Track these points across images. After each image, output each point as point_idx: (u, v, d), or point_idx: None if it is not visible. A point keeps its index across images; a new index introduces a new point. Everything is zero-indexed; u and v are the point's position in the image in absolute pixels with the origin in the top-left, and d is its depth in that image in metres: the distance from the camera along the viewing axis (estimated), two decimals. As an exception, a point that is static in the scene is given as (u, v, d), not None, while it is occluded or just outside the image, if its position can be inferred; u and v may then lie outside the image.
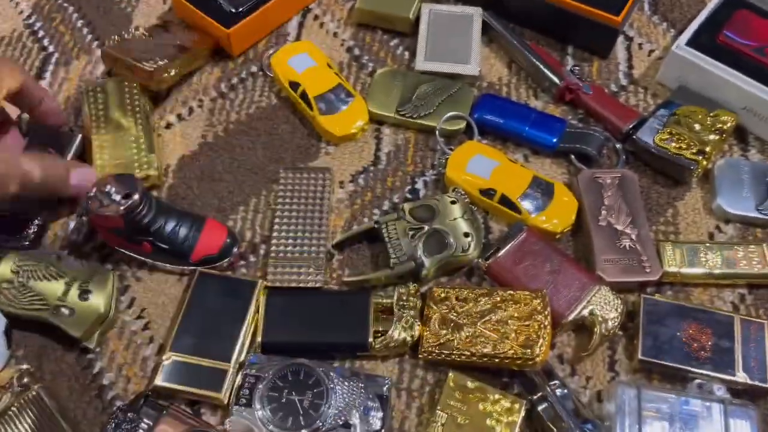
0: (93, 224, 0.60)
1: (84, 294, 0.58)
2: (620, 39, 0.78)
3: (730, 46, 0.71)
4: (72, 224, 0.62)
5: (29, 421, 0.53)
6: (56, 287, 0.58)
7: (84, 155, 0.67)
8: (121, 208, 0.57)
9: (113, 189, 0.57)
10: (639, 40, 0.78)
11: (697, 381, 0.56)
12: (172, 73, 0.70)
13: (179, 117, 0.72)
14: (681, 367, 0.57)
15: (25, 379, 0.54)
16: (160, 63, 0.70)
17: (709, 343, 0.58)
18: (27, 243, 0.62)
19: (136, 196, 0.57)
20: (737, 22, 0.73)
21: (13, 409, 0.53)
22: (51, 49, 0.76)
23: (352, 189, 0.68)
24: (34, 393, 0.54)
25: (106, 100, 0.69)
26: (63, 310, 0.57)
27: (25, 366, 0.56)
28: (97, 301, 0.58)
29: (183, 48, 0.73)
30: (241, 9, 0.74)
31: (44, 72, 0.74)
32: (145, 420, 0.53)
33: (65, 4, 0.80)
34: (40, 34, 0.77)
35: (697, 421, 0.53)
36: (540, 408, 0.54)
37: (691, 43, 0.71)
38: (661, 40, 0.78)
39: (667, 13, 0.80)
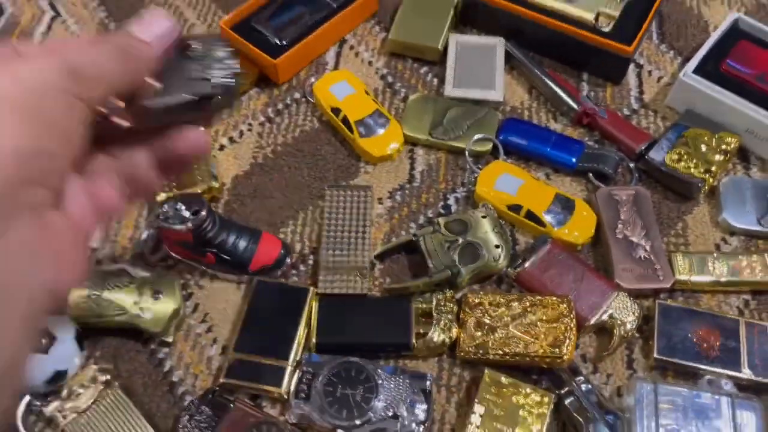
0: (162, 237, 0.67)
1: (156, 294, 0.64)
2: (631, 66, 0.85)
3: (733, 74, 0.78)
4: (144, 235, 0.69)
5: (112, 412, 0.59)
6: (130, 294, 0.64)
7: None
8: (190, 223, 0.63)
9: (183, 207, 0.64)
10: (649, 68, 0.85)
11: (707, 377, 0.63)
12: None
13: (231, 140, 0.78)
14: (692, 365, 0.63)
15: (107, 377, 0.61)
16: None
17: (717, 343, 0.64)
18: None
19: (203, 213, 0.64)
20: (739, 51, 0.80)
21: (98, 401, 0.59)
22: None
23: (390, 205, 0.74)
24: (115, 388, 0.60)
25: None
26: (141, 312, 0.63)
27: (105, 365, 0.63)
28: (169, 298, 0.65)
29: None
30: (285, 41, 0.82)
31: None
32: (216, 411, 0.59)
33: (122, 36, 0.87)
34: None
35: (707, 412, 0.60)
36: (567, 401, 0.61)
37: (697, 71, 0.78)
38: (668, 67, 0.85)
39: (674, 42, 0.87)
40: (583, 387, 0.61)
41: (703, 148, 0.75)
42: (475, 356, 0.63)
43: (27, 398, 0.61)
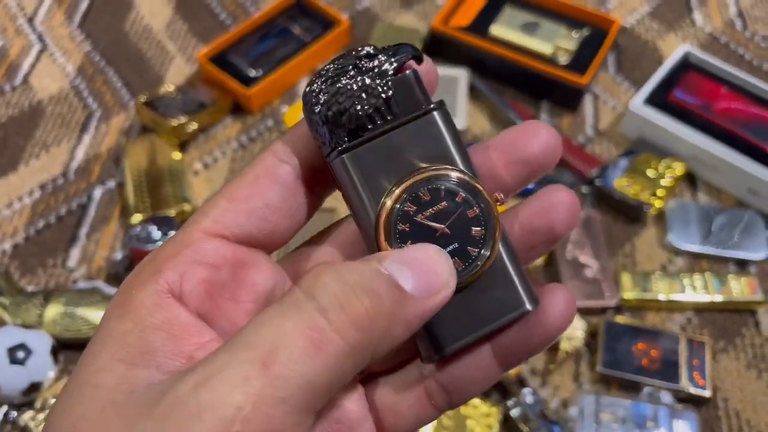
0: (135, 257, 0.71)
1: (127, 315, 0.68)
2: (588, 96, 0.90)
3: (680, 104, 0.82)
4: (118, 256, 0.73)
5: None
6: (102, 310, 0.68)
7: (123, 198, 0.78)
8: (161, 243, 0.67)
9: (155, 228, 0.68)
10: (604, 98, 0.90)
11: (648, 389, 0.66)
12: (191, 128, 0.82)
13: (205, 165, 0.83)
14: (634, 378, 0.67)
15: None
16: (182, 119, 0.82)
17: (658, 357, 0.68)
18: None
19: (173, 233, 0.68)
20: (687, 82, 0.84)
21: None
22: (94, 106, 0.88)
23: (355, 227, 0.78)
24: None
25: (144, 151, 0.80)
26: (112, 328, 0.67)
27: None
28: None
29: (203, 105, 0.85)
30: (259, 73, 0.86)
31: (88, 127, 0.86)
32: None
33: (106, 68, 0.92)
34: (85, 93, 0.89)
35: (646, 422, 0.63)
36: (513, 411, 0.64)
37: (646, 101, 0.83)
38: (623, 97, 0.90)
39: (629, 73, 0.92)
40: (531, 399, 0.65)
41: (651, 173, 0.79)
42: (428, 370, 0.66)
43: (4, 408, 0.64)
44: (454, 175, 0.25)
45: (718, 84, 0.85)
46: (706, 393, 0.66)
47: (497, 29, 0.90)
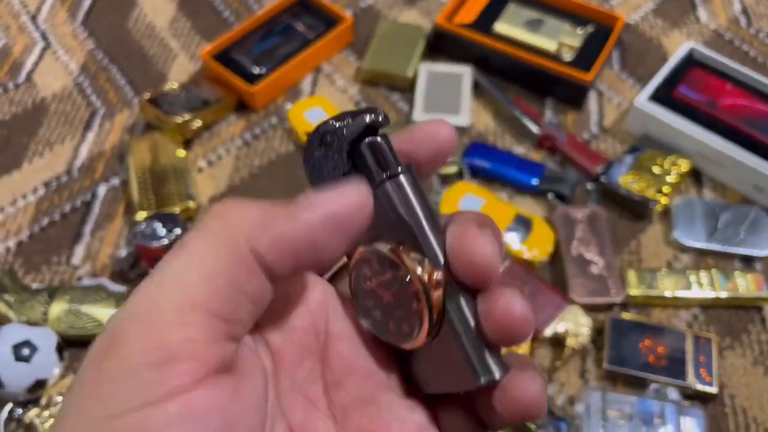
0: (139, 253, 0.71)
1: (132, 311, 0.68)
2: (593, 93, 0.89)
3: (685, 100, 0.82)
4: (123, 253, 0.73)
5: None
6: (107, 307, 0.68)
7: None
8: (166, 240, 0.67)
9: (159, 225, 0.68)
10: (609, 95, 0.90)
11: (654, 386, 0.66)
12: (195, 126, 0.82)
13: (209, 163, 0.83)
14: (641, 375, 0.67)
15: (84, 385, 0.64)
16: (186, 116, 0.81)
17: (665, 354, 0.67)
18: None
19: (178, 230, 0.68)
20: (692, 79, 0.84)
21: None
22: (98, 104, 0.88)
23: (360, 224, 0.78)
24: (91, 396, 0.64)
25: (148, 149, 0.80)
26: (118, 325, 0.67)
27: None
28: (144, 316, 0.68)
29: (207, 102, 0.84)
30: (262, 70, 0.86)
31: (92, 124, 0.86)
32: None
33: (109, 65, 0.91)
34: (88, 91, 0.89)
35: (653, 419, 0.63)
36: (520, 408, 0.64)
37: (651, 97, 0.83)
38: (628, 93, 0.90)
39: (634, 70, 0.92)
40: (536, 395, 0.64)
41: (656, 170, 0.79)
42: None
43: (9, 405, 0.64)
44: (391, 251, 0.26)
45: (723, 80, 0.84)
46: (713, 390, 0.66)
47: (501, 26, 0.90)
